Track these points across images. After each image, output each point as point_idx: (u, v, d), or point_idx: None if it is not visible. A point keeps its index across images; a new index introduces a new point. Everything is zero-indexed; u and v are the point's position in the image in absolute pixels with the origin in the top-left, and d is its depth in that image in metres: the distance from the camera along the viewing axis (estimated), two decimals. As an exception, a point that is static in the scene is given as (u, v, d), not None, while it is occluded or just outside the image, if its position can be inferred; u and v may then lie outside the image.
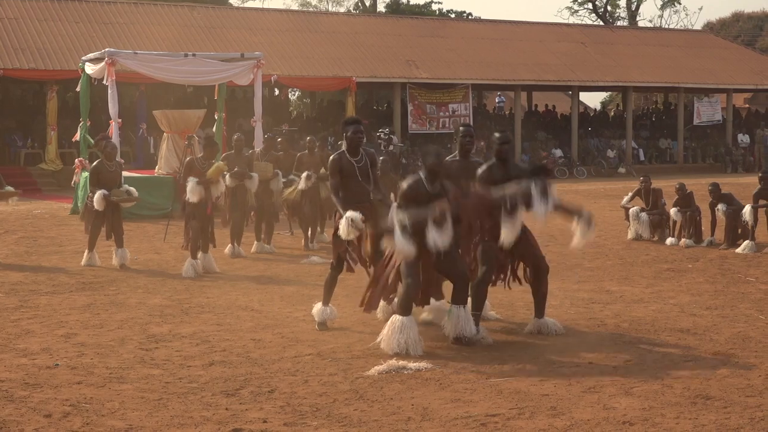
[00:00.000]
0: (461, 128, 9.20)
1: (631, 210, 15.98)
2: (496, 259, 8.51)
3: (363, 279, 9.32)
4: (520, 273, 8.88)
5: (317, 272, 12.00)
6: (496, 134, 8.76)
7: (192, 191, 12.22)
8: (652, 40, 42.18)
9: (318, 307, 8.90)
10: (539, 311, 8.70)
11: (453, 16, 55.29)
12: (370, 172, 8.75)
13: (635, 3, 59.31)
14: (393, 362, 7.35)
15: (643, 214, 15.74)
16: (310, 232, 14.76)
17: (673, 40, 42.72)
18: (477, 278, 8.45)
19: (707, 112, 39.94)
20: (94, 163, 13.29)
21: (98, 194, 12.76)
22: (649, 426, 5.92)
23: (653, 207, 15.85)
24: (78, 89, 21.69)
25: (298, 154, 15.36)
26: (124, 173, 15.32)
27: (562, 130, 38.36)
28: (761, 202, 14.46)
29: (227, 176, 13.25)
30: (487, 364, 7.49)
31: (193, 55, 21.00)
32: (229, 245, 13.81)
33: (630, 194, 16.40)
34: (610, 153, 37.09)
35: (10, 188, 14.05)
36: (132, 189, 13.45)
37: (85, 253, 13.03)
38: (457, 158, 9.12)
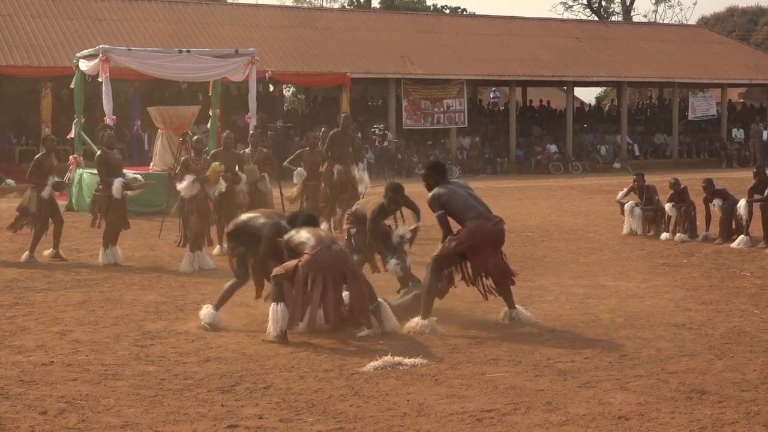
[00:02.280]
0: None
1: (626, 205, 16.00)
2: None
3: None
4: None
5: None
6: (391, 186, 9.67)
7: (187, 188, 12.17)
8: (647, 35, 42.20)
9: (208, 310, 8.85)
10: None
11: (447, 11, 55.36)
12: None
13: (629, -2, 59.32)
14: (388, 358, 7.34)
15: (637, 209, 15.75)
16: None
17: (668, 35, 42.74)
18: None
19: (702, 107, 40.00)
20: (98, 153, 12.91)
21: (117, 182, 12.54)
22: (645, 421, 5.93)
23: (648, 203, 15.86)
24: (72, 86, 21.65)
25: (299, 151, 15.71)
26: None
27: (557, 125, 38.40)
28: (756, 196, 14.48)
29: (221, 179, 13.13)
30: (482, 359, 7.50)
31: (188, 51, 20.97)
32: (217, 246, 13.69)
33: (625, 189, 16.43)
34: (603, 151, 37.04)
35: (11, 182, 13.98)
36: (137, 176, 13.30)
37: (101, 251, 12.70)
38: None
